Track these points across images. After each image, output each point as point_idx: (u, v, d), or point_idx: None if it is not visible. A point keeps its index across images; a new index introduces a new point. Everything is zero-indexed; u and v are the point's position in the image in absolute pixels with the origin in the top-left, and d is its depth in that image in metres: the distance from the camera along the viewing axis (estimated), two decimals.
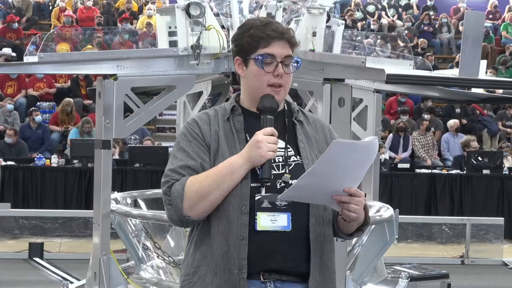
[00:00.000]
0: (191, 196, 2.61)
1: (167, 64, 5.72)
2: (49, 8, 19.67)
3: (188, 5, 5.63)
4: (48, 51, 5.91)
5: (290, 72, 2.75)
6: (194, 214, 2.63)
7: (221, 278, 2.62)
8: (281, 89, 2.74)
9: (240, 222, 2.61)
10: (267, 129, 2.62)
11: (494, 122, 15.36)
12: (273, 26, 2.74)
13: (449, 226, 10.53)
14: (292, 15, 6.18)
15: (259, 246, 2.61)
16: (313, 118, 2.89)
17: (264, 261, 2.63)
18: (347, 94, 5.31)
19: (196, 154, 2.69)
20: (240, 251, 2.60)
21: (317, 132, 2.83)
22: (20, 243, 9.71)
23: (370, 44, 12.20)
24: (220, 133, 2.72)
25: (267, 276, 2.64)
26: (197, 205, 2.61)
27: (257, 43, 2.71)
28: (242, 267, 2.60)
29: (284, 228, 2.62)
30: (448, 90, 6.76)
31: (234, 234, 2.61)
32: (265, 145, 2.57)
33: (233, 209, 2.62)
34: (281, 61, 2.71)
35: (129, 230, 6.15)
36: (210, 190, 2.60)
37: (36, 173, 11.22)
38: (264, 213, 2.62)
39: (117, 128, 5.50)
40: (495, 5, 21.03)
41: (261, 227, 2.61)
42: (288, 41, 2.73)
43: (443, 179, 11.77)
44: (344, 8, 20.15)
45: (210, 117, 2.77)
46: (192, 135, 2.73)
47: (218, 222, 2.64)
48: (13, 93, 14.86)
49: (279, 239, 2.62)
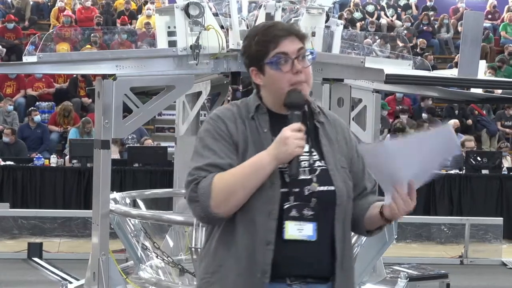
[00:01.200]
0: (218, 193, 2.56)
1: (166, 64, 5.72)
2: (48, 8, 19.66)
3: (187, 5, 5.63)
4: (47, 51, 5.92)
5: (308, 65, 2.69)
6: (221, 211, 2.58)
7: (243, 279, 2.61)
8: (304, 84, 2.68)
9: (267, 227, 2.59)
10: (294, 125, 2.57)
11: (493, 122, 15.37)
12: (277, 26, 2.72)
13: (448, 226, 10.53)
14: (291, 15, 6.18)
15: (284, 253, 2.60)
16: (332, 118, 2.84)
17: (289, 267, 2.62)
18: (346, 94, 5.31)
19: (224, 153, 2.64)
20: (265, 256, 2.58)
21: (337, 132, 2.80)
22: (19, 243, 9.71)
23: (369, 44, 12.22)
24: (247, 133, 2.68)
25: (293, 280, 2.64)
26: (224, 202, 2.57)
27: (266, 47, 2.66)
28: (265, 271, 2.58)
29: (310, 238, 2.61)
30: (447, 90, 6.76)
31: (260, 238, 2.59)
32: (292, 142, 2.53)
33: (260, 213, 2.59)
34: (295, 56, 2.66)
35: (128, 230, 6.15)
36: (236, 188, 2.56)
37: (35, 173, 11.21)
38: (292, 222, 2.60)
39: (116, 128, 5.50)
40: (494, 5, 21.04)
41: (288, 236, 2.60)
42: (296, 35, 2.69)
43: (442, 179, 11.75)
44: (343, 8, 20.16)
45: (234, 115, 2.72)
46: (218, 133, 2.67)
47: (245, 223, 2.61)
48: (12, 93, 14.85)
49: (304, 247, 2.61)
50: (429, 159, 2.52)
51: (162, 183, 10.42)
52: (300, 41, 2.69)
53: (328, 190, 2.66)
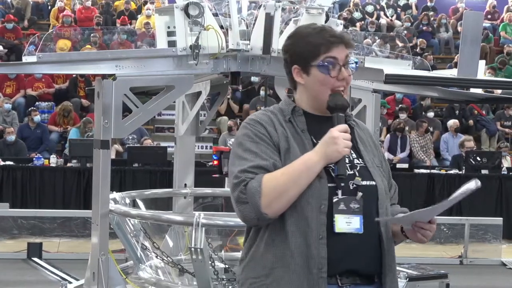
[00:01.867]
0: (268, 192, 2.59)
1: (166, 64, 5.72)
2: (48, 8, 19.67)
3: (187, 5, 5.63)
4: (47, 51, 5.91)
5: (351, 74, 2.78)
6: (271, 211, 2.61)
7: (300, 277, 2.63)
8: (344, 91, 2.78)
9: (318, 221, 2.63)
10: (341, 126, 2.65)
11: (492, 122, 15.37)
12: (331, 31, 2.77)
13: (448, 226, 10.53)
14: (291, 15, 6.18)
15: (336, 247, 2.64)
16: (360, 123, 2.95)
17: (341, 262, 2.65)
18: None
19: (266, 154, 2.68)
20: (319, 250, 2.61)
21: (366, 135, 2.90)
22: (19, 243, 9.71)
23: (368, 44, 12.22)
24: (288, 134, 2.73)
25: (344, 280, 2.67)
26: (275, 202, 2.60)
27: (317, 49, 2.72)
28: (321, 266, 2.61)
29: (357, 231, 2.66)
30: (447, 90, 6.76)
31: (314, 233, 2.62)
32: (341, 141, 2.60)
33: (312, 208, 2.63)
34: (344, 64, 2.74)
35: (128, 230, 6.15)
36: (287, 187, 2.60)
37: (35, 173, 11.22)
38: (341, 215, 2.65)
39: (116, 128, 5.50)
40: (494, 6, 21.05)
41: (338, 229, 2.64)
42: (346, 44, 2.76)
43: (442, 179, 11.77)
44: (343, 8, 20.16)
45: (272, 118, 2.77)
46: (258, 136, 2.71)
47: (296, 221, 2.64)
48: (11, 93, 14.86)
49: (354, 240, 2.65)
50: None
51: (161, 183, 10.44)
52: (347, 49, 2.77)
53: (370, 184, 2.75)
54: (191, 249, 5.14)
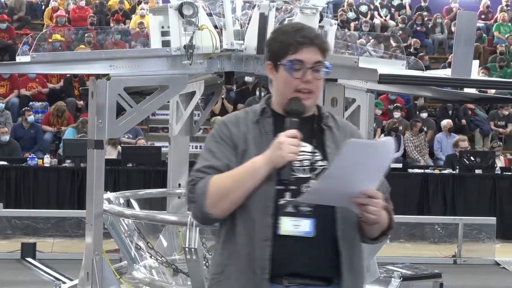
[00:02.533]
0: (213, 194, 2.65)
1: (160, 64, 5.72)
2: (42, 8, 19.62)
3: (181, 5, 5.62)
4: (40, 51, 5.90)
5: (320, 78, 2.76)
6: (215, 212, 2.67)
7: (244, 277, 2.66)
8: (310, 95, 2.75)
9: (264, 223, 2.64)
10: (289, 131, 2.64)
11: (486, 122, 15.40)
12: (304, 32, 2.76)
13: (442, 225, 10.55)
14: (285, 15, 6.18)
15: (282, 249, 2.63)
16: (343, 124, 2.91)
17: (288, 264, 2.65)
18: (340, 94, 5.32)
19: (223, 155, 2.72)
20: (263, 252, 2.63)
21: (346, 137, 2.81)
22: (13, 243, 9.69)
23: (362, 44, 12.24)
24: (248, 134, 2.75)
25: (291, 281, 2.66)
26: (219, 203, 2.65)
27: (287, 49, 2.74)
28: (264, 267, 2.62)
29: (307, 234, 2.64)
30: (441, 90, 6.77)
31: (258, 235, 2.64)
32: (286, 147, 2.59)
33: (257, 210, 2.65)
34: (311, 67, 2.73)
35: (122, 230, 6.14)
36: (231, 189, 2.63)
37: (29, 173, 11.20)
38: (288, 217, 2.65)
39: (110, 128, 5.50)
40: (488, 5, 21.09)
41: (284, 231, 2.64)
42: (318, 47, 2.75)
43: (436, 179, 11.79)
44: (337, 8, 20.17)
45: (239, 119, 2.80)
46: (220, 137, 2.77)
47: (243, 222, 2.67)
48: (5, 93, 14.82)
49: (303, 243, 2.64)
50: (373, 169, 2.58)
51: (155, 183, 10.42)
52: (321, 53, 2.76)
53: None
54: (185, 249, 5.14)
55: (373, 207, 2.60)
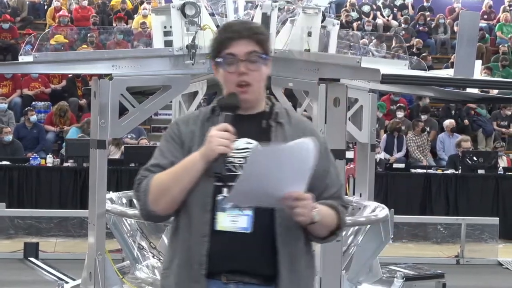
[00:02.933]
0: (154, 191, 2.69)
1: (163, 64, 5.72)
2: (44, 8, 19.63)
3: (183, 5, 5.63)
4: (43, 51, 5.91)
5: (256, 69, 2.74)
6: (158, 209, 2.72)
7: (183, 272, 2.70)
8: (247, 88, 2.74)
9: (202, 219, 2.66)
10: (220, 125, 2.65)
11: (489, 122, 15.39)
12: (233, 27, 2.78)
13: (444, 226, 10.53)
14: (288, 15, 6.18)
15: (221, 245, 2.65)
16: (296, 120, 2.86)
17: (226, 261, 2.66)
18: (343, 94, 5.31)
19: (169, 153, 2.76)
20: (200, 248, 2.65)
21: (297, 134, 2.77)
22: (15, 243, 9.69)
23: (365, 44, 12.22)
24: (196, 132, 2.76)
25: (230, 277, 2.68)
26: (160, 200, 2.69)
27: (220, 46, 2.76)
28: (202, 263, 2.65)
29: (244, 230, 2.64)
30: (443, 90, 6.76)
31: (196, 230, 2.67)
32: (215, 140, 2.60)
33: (196, 206, 2.68)
34: (244, 59, 2.72)
35: (124, 230, 6.15)
36: (170, 185, 2.67)
37: (31, 173, 11.21)
38: (225, 213, 2.66)
39: (113, 128, 5.50)
40: (490, 6, 21.06)
41: (220, 227, 2.66)
42: (249, 38, 2.74)
43: (438, 179, 11.78)
44: (339, 8, 20.16)
45: (191, 118, 2.83)
46: (170, 135, 2.81)
47: (184, 218, 2.72)
48: (8, 93, 14.83)
49: (241, 240, 2.64)
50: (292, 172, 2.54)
51: None
52: (256, 43, 2.75)
53: None
54: None
55: (301, 209, 2.57)
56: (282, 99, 6.13)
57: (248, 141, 2.73)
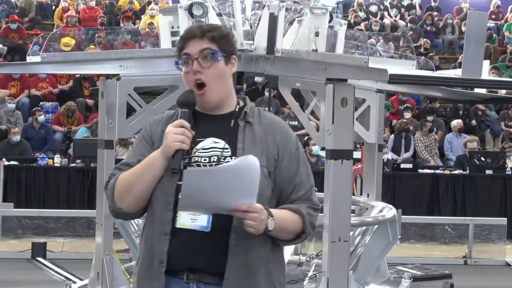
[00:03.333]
0: (119, 189, 2.76)
1: (170, 64, 5.66)
2: (52, 8, 19.68)
3: (190, 5, 5.63)
4: (51, 51, 5.92)
5: (209, 65, 2.76)
6: (123, 206, 2.78)
7: (145, 269, 2.76)
8: (204, 89, 2.76)
9: (164, 217, 2.70)
10: (175, 122, 2.71)
11: (496, 123, 15.35)
12: (189, 29, 2.85)
13: (452, 226, 10.52)
14: (295, 15, 6.18)
15: (181, 243, 2.68)
16: (267, 120, 2.85)
17: (186, 259, 2.69)
18: (350, 94, 5.30)
19: (139, 152, 2.82)
20: (161, 245, 2.70)
21: (267, 134, 2.80)
22: (23, 243, 9.72)
23: (372, 44, 12.20)
24: (165, 131, 2.76)
25: (191, 277, 2.70)
26: (124, 197, 2.75)
27: (178, 50, 2.83)
28: (162, 261, 2.69)
29: (203, 228, 2.66)
30: (451, 90, 6.75)
31: (158, 228, 2.72)
32: (170, 136, 2.66)
33: (159, 204, 2.73)
34: (197, 57, 2.76)
35: (132, 230, 6.15)
36: (132, 183, 2.73)
37: (39, 173, 11.24)
38: (186, 212, 2.67)
39: (120, 128, 5.51)
40: (498, 5, 21.01)
41: (180, 224, 2.69)
42: (201, 37, 2.77)
43: (446, 179, 11.76)
44: (347, 9, 20.14)
45: (163, 118, 2.88)
46: (142, 135, 2.88)
47: (148, 215, 2.79)
48: (16, 93, 14.86)
49: (200, 238, 2.66)
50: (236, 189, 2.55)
51: None
52: (210, 41, 2.77)
53: None
54: None
55: (250, 221, 2.59)
56: (289, 99, 6.13)
57: (214, 140, 2.75)
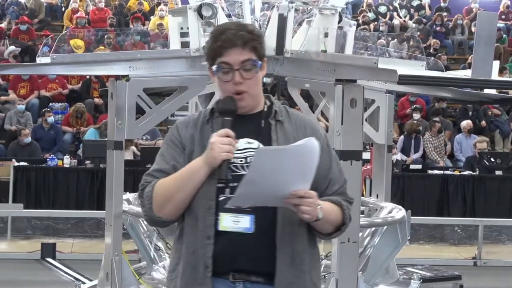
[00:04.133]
0: (158, 198, 2.72)
1: (179, 65, 5.73)
2: (62, 10, 19.73)
3: (200, 6, 5.63)
4: (60, 52, 5.93)
5: (251, 77, 2.75)
6: (163, 215, 2.74)
7: (189, 275, 2.72)
8: (243, 95, 2.75)
9: (206, 221, 2.68)
10: (221, 131, 2.67)
11: (506, 123, 15.31)
12: (226, 34, 2.74)
13: (462, 227, 10.50)
14: (304, 16, 6.17)
15: (225, 246, 2.67)
16: (296, 117, 2.87)
17: (231, 261, 2.69)
18: (359, 95, 5.29)
19: (171, 157, 2.78)
20: (206, 250, 2.68)
21: (298, 130, 2.82)
22: (33, 244, 9.75)
23: (382, 45, 12.18)
24: (196, 135, 2.78)
25: (237, 276, 2.70)
26: (164, 207, 2.72)
27: (214, 53, 2.76)
28: (207, 265, 2.68)
29: (247, 230, 2.66)
30: (461, 91, 6.73)
31: (201, 233, 2.69)
32: (217, 147, 2.62)
33: (200, 208, 2.70)
34: (238, 68, 2.72)
35: (141, 231, 6.16)
36: (173, 192, 2.70)
37: (49, 173, 11.27)
38: (227, 214, 2.67)
39: (129, 129, 5.52)
40: (508, 6, 20.96)
41: (223, 227, 2.67)
42: (243, 46, 2.73)
43: (455, 180, 11.74)
44: (356, 9, 20.12)
45: (190, 120, 2.84)
46: (171, 139, 2.83)
47: (189, 220, 2.74)
48: (25, 94, 14.91)
49: (244, 240, 2.66)
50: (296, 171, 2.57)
51: None
52: (250, 51, 2.74)
53: None
54: None
55: (306, 207, 2.60)
56: (298, 100, 6.12)
57: (248, 141, 2.75)
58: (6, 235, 10.19)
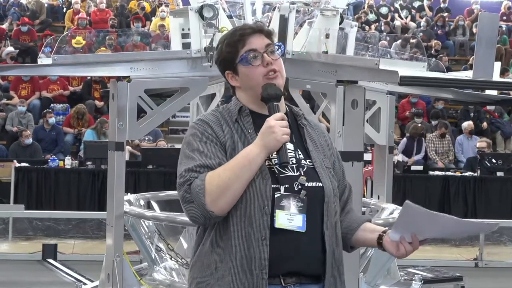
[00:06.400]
0: (212, 190, 2.59)
1: (180, 66, 5.73)
2: (63, 11, 19.75)
3: (201, 7, 5.63)
4: (62, 53, 5.93)
5: (278, 57, 2.78)
6: (216, 209, 2.60)
7: (241, 278, 2.62)
8: (276, 74, 2.76)
9: (262, 222, 2.62)
10: (277, 115, 2.65)
11: (507, 124, 15.31)
12: (244, 26, 2.84)
13: None
14: (305, 17, 6.17)
15: (279, 248, 2.63)
16: (313, 122, 2.94)
17: (284, 263, 2.64)
18: (360, 96, 5.29)
19: (213, 154, 2.68)
20: (261, 252, 2.61)
21: (319, 135, 2.88)
22: (34, 244, 9.75)
23: (384, 46, 12.17)
24: (233, 133, 2.73)
25: (288, 280, 2.66)
26: (219, 199, 2.59)
27: (235, 47, 2.77)
28: (263, 267, 2.61)
29: (299, 229, 2.64)
30: (462, 92, 6.73)
31: (256, 234, 2.61)
32: (279, 129, 2.60)
33: (255, 209, 2.62)
34: (264, 51, 2.75)
35: (142, 232, 6.16)
36: (230, 183, 2.58)
37: (50, 174, 11.28)
38: (283, 211, 2.64)
39: (131, 130, 5.52)
40: (509, 7, 20.96)
41: (279, 224, 2.63)
42: (261, 33, 2.79)
43: (457, 181, 11.74)
44: (357, 10, 20.12)
45: (219, 119, 2.78)
46: (205, 135, 2.71)
47: (239, 221, 2.63)
48: (27, 95, 14.92)
49: (296, 240, 2.64)
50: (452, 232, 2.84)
51: (176, 185, 10.44)
52: (267, 38, 2.80)
53: (317, 186, 2.72)
54: None
55: (413, 249, 2.76)
56: (299, 101, 6.12)
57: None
58: (8, 236, 10.20)
